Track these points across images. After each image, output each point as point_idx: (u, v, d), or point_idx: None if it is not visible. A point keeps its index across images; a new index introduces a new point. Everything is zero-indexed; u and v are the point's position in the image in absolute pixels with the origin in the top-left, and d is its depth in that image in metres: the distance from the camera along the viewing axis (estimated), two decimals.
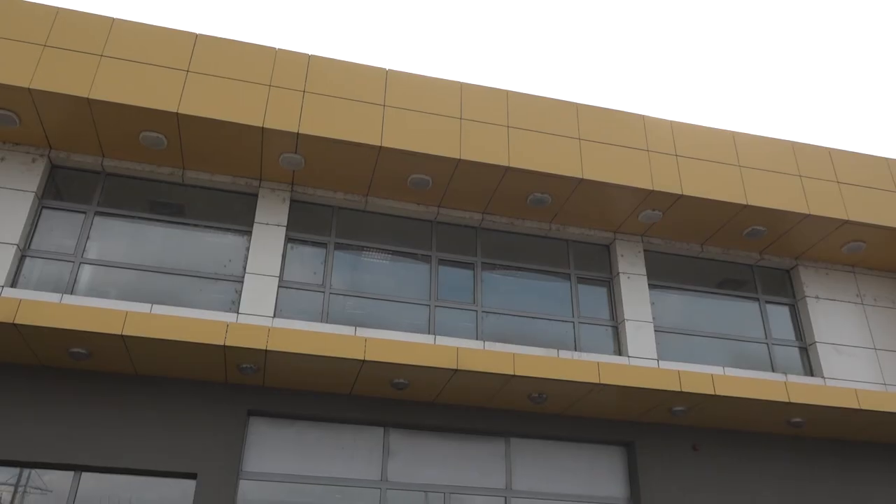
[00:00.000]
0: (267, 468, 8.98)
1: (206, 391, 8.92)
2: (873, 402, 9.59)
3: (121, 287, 9.42)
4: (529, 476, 9.79)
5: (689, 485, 9.94)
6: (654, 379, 9.02)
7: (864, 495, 10.52)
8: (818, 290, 11.81)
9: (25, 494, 8.29)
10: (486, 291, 10.71)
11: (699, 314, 11.44)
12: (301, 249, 10.32)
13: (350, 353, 8.27)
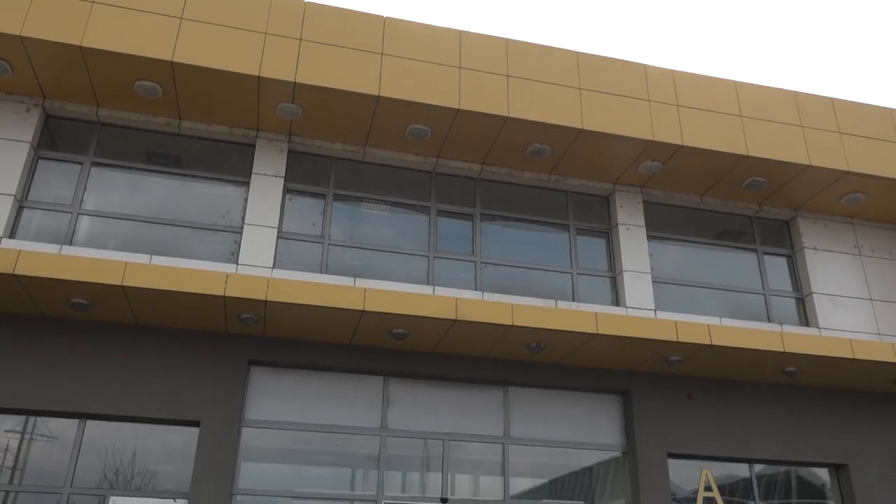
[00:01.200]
0: (268, 416, 9.13)
1: (207, 341, 9.01)
2: (867, 352, 9.70)
3: (119, 238, 9.42)
4: (527, 424, 9.96)
5: (683, 432, 10.13)
6: (651, 329, 9.10)
7: (855, 443, 10.73)
8: (816, 242, 11.84)
9: (32, 441, 8.44)
10: (484, 242, 10.73)
11: (697, 265, 11.49)
12: (299, 200, 10.29)
13: (349, 304, 8.32)
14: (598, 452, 10.09)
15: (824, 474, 10.81)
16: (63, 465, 8.35)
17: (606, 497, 9.93)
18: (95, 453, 8.50)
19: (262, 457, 9.03)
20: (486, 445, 9.73)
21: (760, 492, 10.41)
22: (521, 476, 9.73)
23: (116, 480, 8.45)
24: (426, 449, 9.53)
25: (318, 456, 9.25)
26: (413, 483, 9.37)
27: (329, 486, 9.11)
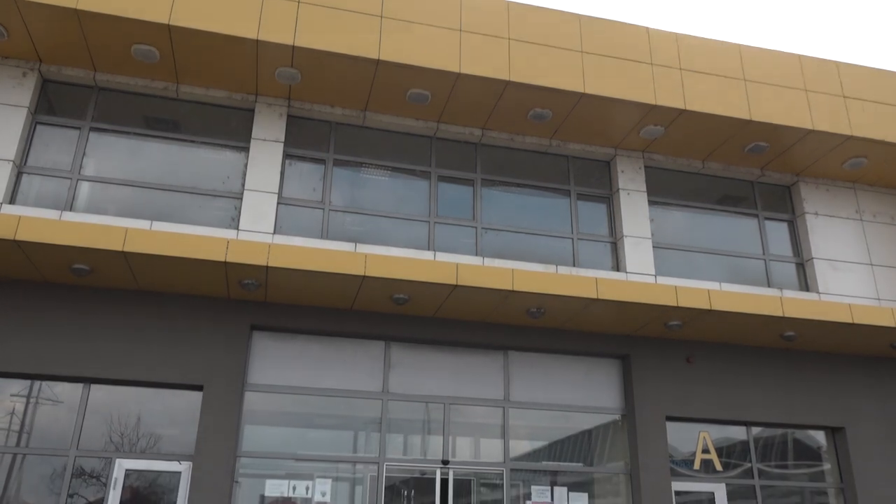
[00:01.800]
0: (271, 380, 9.22)
1: (209, 306, 9.05)
2: (866, 317, 9.75)
3: (120, 204, 9.41)
4: (527, 387, 10.06)
5: (681, 396, 10.24)
6: (651, 294, 9.13)
7: (852, 407, 10.85)
8: (817, 207, 11.82)
9: (37, 405, 8.54)
10: (485, 208, 10.71)
11: (698, 230, 11.48)
12: (299, 166, 10.25)
13: (350, 270, 8.34)
14: (597, 415, 10.21)
15: (821, 437, 10.94)
16: (69, 429, 8.47)
17: (605, 459, 10.08)
18: (100, 417, 8.60)
19: (265, 420, 9.14)
20: (486, 409, 9.84)
21: (757, 454, 10.55)
22: (522, 439, 9.87)
23: (122, 443, 8.57)
24: (427, 412, 9.64)
25: (320, 419, 9.37)
26: (414, 446, 9.50)
27: (332, 448, 9.24)
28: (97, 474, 8.39)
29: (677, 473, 10.10)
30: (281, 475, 8.93)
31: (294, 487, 8.92)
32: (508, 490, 9.48)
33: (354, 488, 9.16)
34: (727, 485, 10.24)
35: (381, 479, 9.10)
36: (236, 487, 8.72)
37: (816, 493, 10.61)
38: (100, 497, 8.30)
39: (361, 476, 9.19)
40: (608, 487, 9.97)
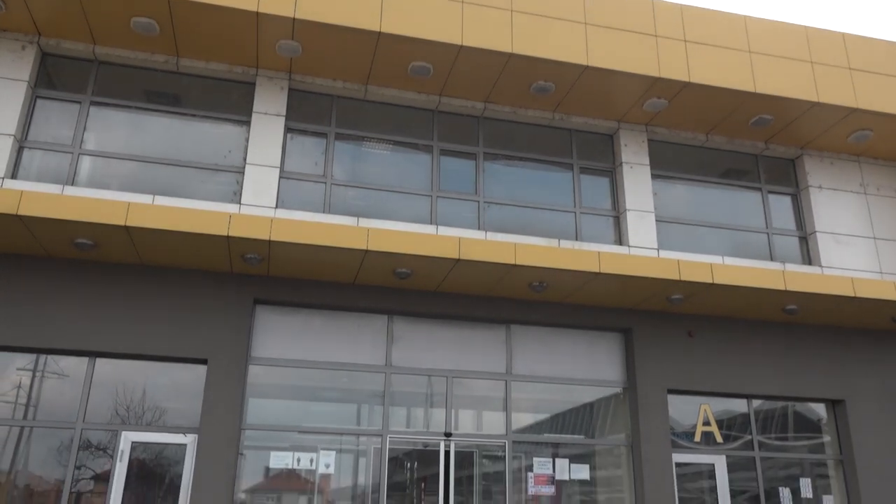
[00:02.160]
0: (275, 354, 9.27)
1: (212, 280, 9.08)
2: (868, 291, 9.75)
3: (121, 178, 9.39)
4: (529, 361, 10.11)
5: (683, 369, 10.29)
6: (654, 268, 9.14)
7: (853, 380, 10.90)
8: (821, 180, 11.76)
9: (44, 379, 8.61)
10: (487, 181, 10.68)
11: (701, 204, 11.45)
12: (301, 140, 10.20)
13: (353, 244, 8.34)
14: (599, 389, 10.27)
15: (821, 409, 11.01)
16: (75, 402, 8.54)
17: (606, 432, 10.16)
18: (106, 390, 8.67)
19: (270, 393, 9.21)
20: (489, 382, 9.90)
21: (758, 426, 10.63)
22: (524, 411, 9.94)
23: (128, 416, 8.65)
24: (430, 385, 9.70)
25: (324, 392, 9.44)
26: (417, 418, 9.58)
27: (335, 421, 9.32)
28: (104, 447, 8.48)
29: (678, 445, 10.19)
30: (285, 447, 9.03)
31: (298, 459, 9.02)
32: (510, 462, 9.57)
33: (358, 460, 9.26)
34: (727, 456, 10.33)
35: (385, 452, 9.20)
36: (241, 459, 8.82)
37: (816, 465, 10.71)
38: (107, 469, 8.40)
39: (365, 448, 9.29)
40: (609, 459, 10.07)
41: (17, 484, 8.17)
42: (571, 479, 9.77)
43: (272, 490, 9.03)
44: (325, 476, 9.08)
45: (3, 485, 8.13)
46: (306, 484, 9.03)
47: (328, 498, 9.06)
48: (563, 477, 9.74)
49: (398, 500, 9.19)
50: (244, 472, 8.82)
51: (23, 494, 8.15)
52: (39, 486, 8.23)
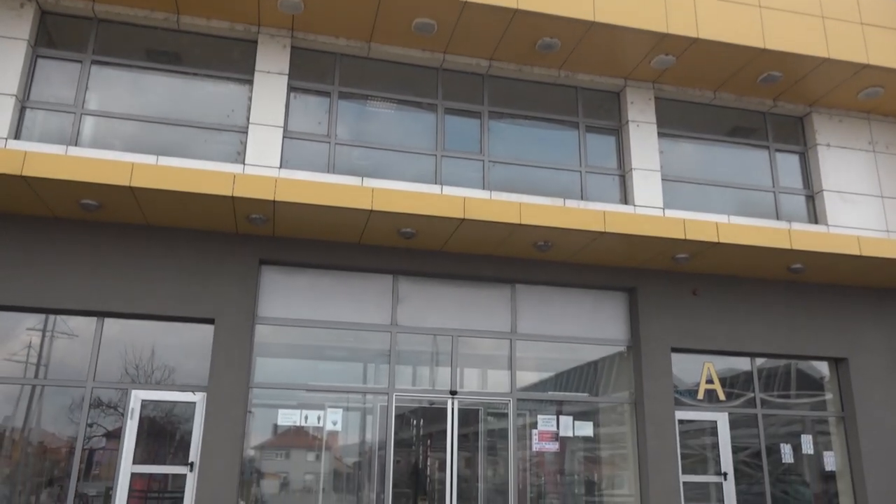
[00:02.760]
0: (281, 313, 9.34)
1: (218, 241, 9.10)
2: (874, 249, 9.73)
3: (125, 138, 9.35)
4: (534, 320, 10.17)
5: (687, 327, 10.34)
6: (659, 227, 9.11)
7: (856, 338, 10.94)
8: (830, 138, 11.64)
9: (53, 339, 8.71)
10: (492, 140, 10.60)
11: (708, 163, 11.36)
12: (304, 99, 10.11)
13: (357, 204, 8.33)
14: (603, 347, 10.34)
15: (824, 368, 11.09)
16: (85, 361, 8.65)
17: (610, 390, 10.26)
18: (115, 350, 8.77)
19: (277, 353, 9.30)
20: (493, 341, 9.98)
21: (760, 384, 10.73)
22: (528, 370, 10.04)
23: (137, 375, 8.77)
24: (435, 344, 9.78)
25: (330, 351, 9.53)
26: (423, 377, 9.68)
27: (342, 379, 9.44)
28: (114, 405, 8.62)
29: (681, 403, 10.30)
30: (293, 405, 9.15)
31: (306, 417, 9.16)
32: (515, 419, 9.70)
33: (365, 418, 9.39)
34: (730, 414, 10.44)
35: (391, 409, 9.32)
36: (250, 417, 8.95)
37: (817, 422, 10.82)
38: (118, 427, 8.54)
39: (371, 406, 9.41)
40: (613, 417, 10.19)
41: (30, 441, 8.33)
42: (575, 435, 9.91)
43: (281, 447, 9.19)
44: (332, 433, 9.23)
45: (17, 442, 8.29)
46: (314, 441, 9.18)
47: (336, 454, 9.22)
48: (566, 434, 9.87)
49: (405, 457, 9.35)
50: (253, 430, 8.97)
51: (36, 451, 8.31)
52: (53, 444, 8.39)
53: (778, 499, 10.32)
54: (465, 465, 9.48)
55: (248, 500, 8.76)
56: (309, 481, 9.07)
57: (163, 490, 8.49)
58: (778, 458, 10.48)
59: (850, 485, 10.57)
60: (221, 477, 8.35)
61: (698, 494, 10.02)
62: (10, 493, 8.12)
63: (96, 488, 8.35)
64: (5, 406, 8.35)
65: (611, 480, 9.94)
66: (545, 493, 9.67)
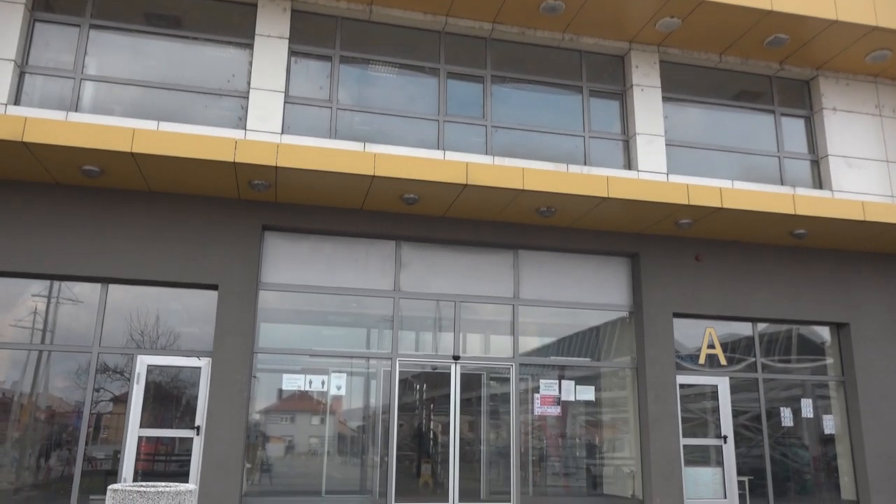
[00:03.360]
0: (284, 279, 9.37)
1: (220, 207, 9.09)
2: (878, 214, 9.70)
3: (125, 104, 9.29)
4: (537, 285, 10.19)
5: (689, 293, 10.36)
6: (662, 192, 9.08)
7: (858, 303, 10.97)
8: (836, 102, 11.53)
9: (59, 305, 8.76)
10: (495, 105, 10.52)
11: (713, 128, 11.27)
12: (305, 63, 10.01)
13: (360, 169, 8.30)
14: (605, 313, 10.38)
15: (825, 333, 11.13)
16: (90, 327, 8.72)
17: (612, 355, 10.33)
18: (120, 316, 8.83)
19: (280, 318, 9.36)
20: (496, 306, 10.02)
21: (762, 349, 10.79)
22: (531, 335, 10.09)
23: (143, 341, 8.83)
24: (438, 310, 9.83)
25: (334, 317, 9.58)
26: (426, 342, 9.75)
27: (346, 345, 9.50)
28: (121, 370, 8.70)
29: (682, 368, 10.37)
30: (297, 370, 9.24)
31: (310, 382, 9.24)
32: (517, 384, 9.78)
33: (369, 382, 9.48)
34: (730, 378, 10.52)
35: (395, 374, 9.40)
36: (254, 382, 9.04)
37: (817, 386, 10.91)
38: (124, 392, 8.64)
39: (375, 371, 9.50)
40: (614, 381, 10.27)
41: (38, 406, 8.43)
42: (577, 400, 10.00)
43: (285, 411, 9.29)
44: (336, 398, 9.33)
45: (25, 407, 8.39)
46: (318, 405, 9.28)
47: (340, 418, 9.32)
48: (568, 398, 9.97)
49: (408, 421, 9.46)
50: (258, 394, 9.06)
51: (45, 416, 8.42)
52: (61, 408, 8.49)
53: (777, 461, 10.45)
54: (467, 429, 9.59)
55: (253, 462, 8.89)
56: (314, 445, 9.19)
57: (170, 453, 8.62)
58: (778, 422, 10.59)
59: (849, 447, 10.69)
60: (227, 440, 8.47)
61: (698, 457, 10.15)
62: (21, 456, 8.25)
63: (104, 451, 8.48)
64: (13, 371, 8.44)
65: (612, 444, 10.07)
66: (547, 456, 9.80)
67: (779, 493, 10.34)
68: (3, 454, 8.21)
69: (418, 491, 9.25)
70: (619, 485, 9.95)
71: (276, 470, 8.96)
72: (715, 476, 10.15)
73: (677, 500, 9.59)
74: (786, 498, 10.36)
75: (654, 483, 9.60)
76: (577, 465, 9.88)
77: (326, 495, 8.98)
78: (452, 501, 9.25)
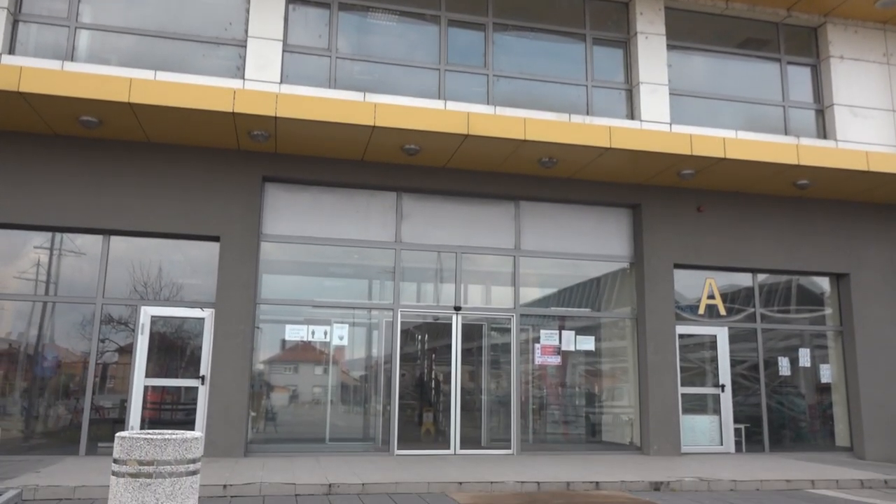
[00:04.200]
0: (286, 231, 9.38)
1: (220, 158, 9.04)
2: (882, 164, 9.63)
3: (121, 53, 9.15)
4: (538, 236, 10.20)
5: (690, 243, 10.37)
6: (665, 143, 9.01)
7: (859, 253, 10.98)
8: (843, 50, 11.34)
9: (61, 257, 8.79)
10: (497, 54, 10.35)
11: (717, 76, 11.12)
12: (304, 11, 9.82)
13: (360, 120, 8.22)
14: (606, 263, 10.41)
15: (825, 283, 11.18)
16: (93, 279, 8.76)
17: (612, 305, 10.39)
18: (123, 267, 8.86)
19: (282, 269, 9.39)
20: (497, 258, 10.04)
21: (761, 299, 10.85)
22: (532, 286, 10.14)
23: (146, 292, 8.89)
24: (440, 261, 9.86)
25: (335, 268, 9.62)
26: (427, 293, 9.80)
27: (348, 296, 9.56)
28: (125, 321, 8.78)
29: (682, 318, 10.45)
30: (300, 321, 9.32)
31: (313, 332, 9.33)
32: (518, 334, 9.88)
33: (371, 333, 9.57)
34: (729, 328, 10.61)
35: (396, 324, 9.49)
36: (258, 333, 9.13)
37: (815, 336, 11.00)
38: (129, 342, 8.73)
39: (377, 321, 9.58)
40: (614, 331, 10.36)
41: (45, 356, 8.53)
42: (577, 349, 10.11)
43: (289, 361, 9.41)
44: (339, 348, 9.43)
45: (32, 357, 8.49)
46: (321, 355, 9.39)
47: (343, 368, 9.44)
48: (568, 348, 10.07)
49: (410, 370, 9.58)
50: (261, 345, 9.16)
51: (52, 366, 8.53)
52: (67, 358, 8.60)
53: (773, 409, 10.61)
54: (468, 379, 9.73)
55: (258, 411, 9.04)
56: (317, 394, 9.33)
57: (176, 402, 8.76)
58: (775, 371, 10.71)
59: (845, 396, 10.85)
60: (232, 389, 8.60)
61: (696, 405, 10.31)
62: (29, 405, 8.38)
63: (111, 400, 8.61)
64: (19, 323, 8.51)
65: (611, 392, 10.21)
66: (546, 404, 9.95)
67: (774, 440, 10.53)
68: (12, 403, 8.35)
69: (420, 438, 9.43)
70: (618, 432, 10.13)
71: (280, 418, 9.12)
72: (712, 424, 10.32)
73: (674, 447, 9.78)
74: (781, 445, 10.56)
75: (652, 430, 9.77)
76: (576, 414, 10.05)
77: (330, 442, 9.16)
78: (453, 449, 9.43)
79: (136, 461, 3.28)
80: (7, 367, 8.40)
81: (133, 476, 3.26)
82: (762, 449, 10.43)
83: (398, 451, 9.23)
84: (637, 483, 7.41)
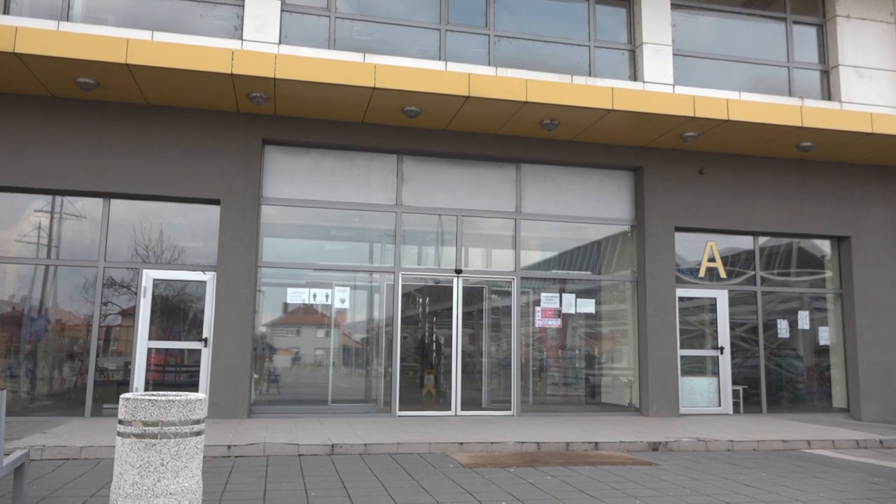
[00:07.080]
0: (286, 194, 9.35)
1: (220, 121, 8.97)
2: (886, 126, 9.55)
3: (117, 13, 9.02)
4: (539, 199, 10.17)
5: (691, 206, 10.35)
6: (668, 104, 8.92)
7: (860, 216, 10.96)
8: (850, 9, 11.16)
9: (62, 220, 8.78)
10: (498, 13, 10.19)
11: (721, 37, 10.96)
12: None
13: (360, 81, 8.13)
14: (607, 227, 10.40)
15: (825, 246, 11.18)
16: (95, 242, 8.77)
17: (613, 268, 10.41)
18: (124, 231, 8.86)
19: (283, 233, 9.39)
20: (498, 221, 10.03)
21: (762, 262, 10.86)
22: (532, 249, 10.15)
23: (147, 255, 8.90)
24: (440, 224, 9.85)
25: (336, 231, 9.61)
26: (429, 256, 9.81)
27: (349, 259, 9.58)
28: (127, 284, 8.80)
29: (682, 281, 10.47)
30: (301, 284, 9.34)
31: (314, 295, 9.36)
32: (518, 297, 9.91)
33: (372, 296, 9.60)
34: (729, 291, 10.64)
35: (398, 287, 9.52)
36: (260, 295, 9.16)
37: (815, 299, 11.04)
38: (132, 305, 8.77)
39: (378, 284, 9.60)
40: (615, 294, 10.40)
41: (48, 318, 8.58)
42: (577, 312, 10.15)
43: (291, 324, 9.46)
44: (340, 311, 9.47)
45: (36, 320, 8.54)
46: (323, 318, 9.44)
47: (344, 331, 9.50)
48: (569, 311, 10.11)
49: (411, 333, 9.64)
50: (263, 308, 9.20)
51: (55, 328, 8.58)
52: (71, 321, 8.65)
53: (771, 371, 10.70)
54: (469, 341, 9.79)
55: (261, 373, 9.13)
56: (319, 356, 9.40)
57: (179, 364, 8.83)
58: (774, 334, 10.78)
59: (843, 358, 10.93)
60: (234, 352, 8.67)
61: (695, 367, 10.40)
62: (34, 367, 8.46)
63: (115, 363, 8.69)
64: (21, 286, 8.54)
65: (611, 355, 10.29)
66: (547, 366, 10.03)
67: (772, 401, 10.64)
68: (16, 366, 8.43)
69: (421, 400, 9.53)
70: (617, 394, 10.23)
71: (283, 381, 9.21)
72: (710, 385, 10.42)
73: (673, 408, 9.89)
74: (778, 406, 10.68)
75: (651, 392, 9.87)
76: (576, 376, 10.14)
77: (332, 404, 9.26)
78: (454, 410, 9.54)
79: (140, 422, 3.31)
80: (11, 331, 8.46)
81: (138, 437, 3.30)
82: (760, 410, 10.55)
83: (400, 412, 9.34)
84: (635, 443, 7.51)
